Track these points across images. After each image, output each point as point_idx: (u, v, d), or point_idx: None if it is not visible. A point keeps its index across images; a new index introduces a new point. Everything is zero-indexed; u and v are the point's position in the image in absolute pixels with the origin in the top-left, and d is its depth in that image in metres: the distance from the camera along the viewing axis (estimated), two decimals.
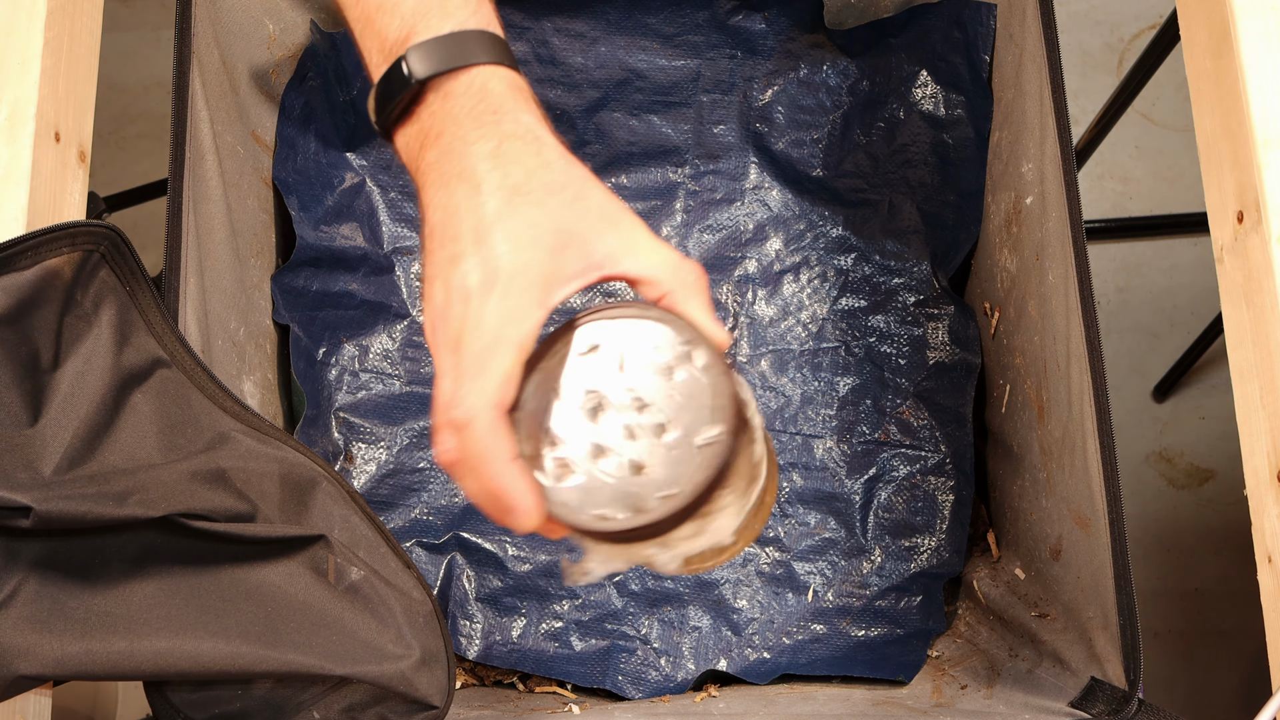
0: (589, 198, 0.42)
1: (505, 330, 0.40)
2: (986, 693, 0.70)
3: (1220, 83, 0.62)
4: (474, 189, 0.41)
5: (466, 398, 0.39)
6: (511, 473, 0.40)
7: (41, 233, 0.55)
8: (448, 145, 0.42)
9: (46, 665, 0.51)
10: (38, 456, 0.53)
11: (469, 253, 0.41)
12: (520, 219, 0.41)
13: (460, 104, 0.42)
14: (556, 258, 0.41)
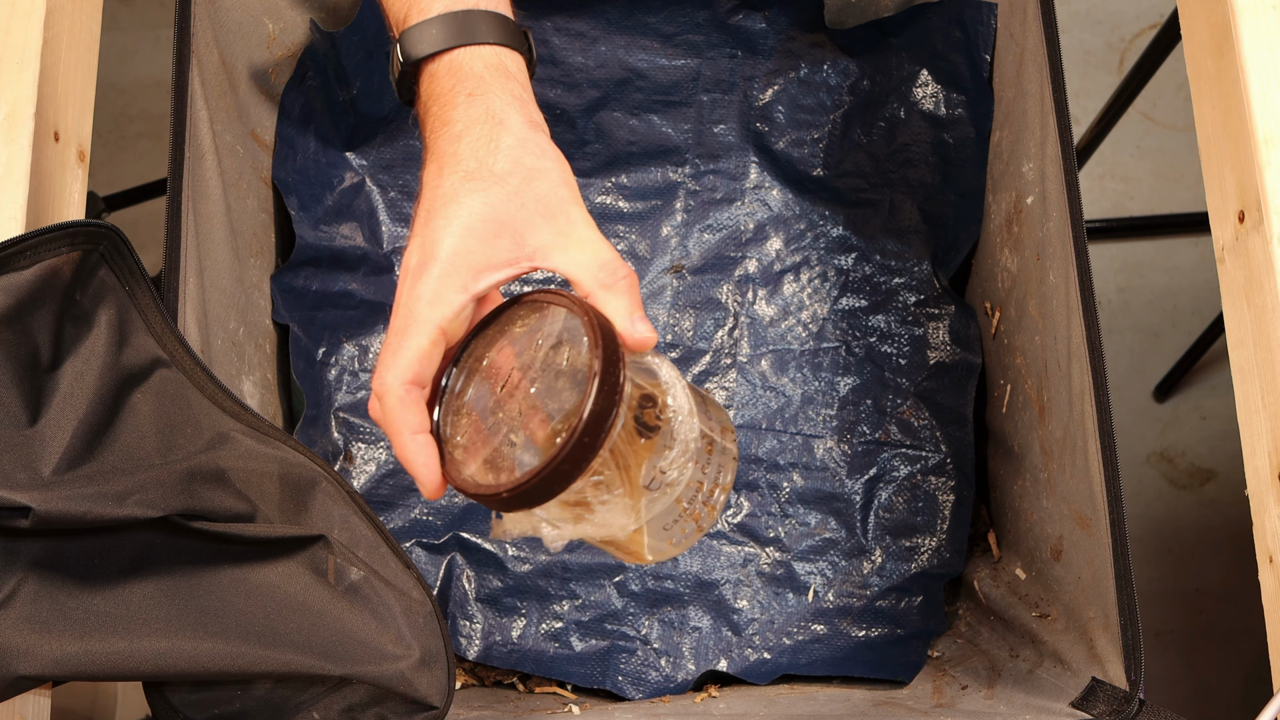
0: (533, 188, 0.43)
1: (425, 311, 0.42)
2: (987, 693, 0.70)
3: (1221, 82, 0.62)
4: (438, 170, 0.44)
5: (382, 372, 0.43)
6: (415, 444, 0.43)
7: (40, 232, 0.55)
8: (430, 125, 0.45)
9: (46, 665, 0.51)
10: (37, 456, 0.53)
11: (417, 233, 0.44)
12: (461, 205, 0.43)
13: (441, 85, 0.44)
14: (488, 245, 0.43)
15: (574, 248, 0.43)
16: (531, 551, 0.82)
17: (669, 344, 0.86)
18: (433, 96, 0.44)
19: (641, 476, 0.43)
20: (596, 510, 0.43)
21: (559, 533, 0.44)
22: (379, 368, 0.43)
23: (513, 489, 0.41)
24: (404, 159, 0.87)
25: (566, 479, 0.41)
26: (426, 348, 0.42)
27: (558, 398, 0.43)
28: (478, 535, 0.82)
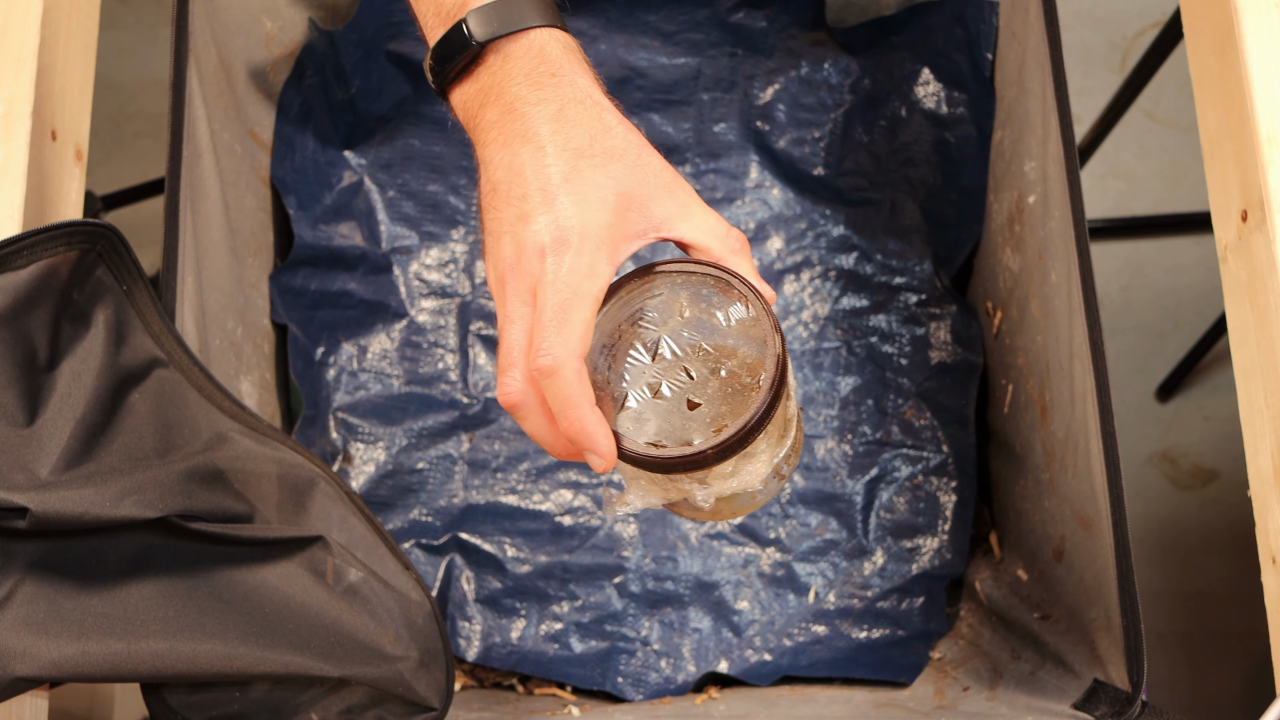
0: (647, 164, 0.45)
1: (582, 285, 0.43)
2: (989, 694, 0.70)
3: (1224, 81, 0.62)
4: (538, 150, 0.44)
5: (553, 347, 0.42)
6: (595, 417, 0.43)
7: (38, 232, 0.55)
8: (509, 105, 0.45)
9: (43, 667, 0.51)
10: (34, 457, 0.53)
11: (539, 212, 0.43)
12: (586, 181, 0.44)
13: (520, 65, 0.45)
14: (621, 218, 0.44)
15: (697, 217, 0.45)
16: (531, 552, 0.81)
17: None
18: (509, 77, 0.45)
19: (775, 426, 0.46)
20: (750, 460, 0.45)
21: (709, 490, 0.45)
22: (539, 344, 0.43)
23: (719, 447, 0.42)
24: (403, 158, 0.87)
25: (759, 429, 0.43)
26: (590, 319, 0.43)
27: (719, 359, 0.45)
28: (477, 536, 0.82)
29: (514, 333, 0.44)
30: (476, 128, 0.46)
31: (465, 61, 0.45)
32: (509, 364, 0.44)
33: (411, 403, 0.84)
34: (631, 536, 0.82)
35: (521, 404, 0.44)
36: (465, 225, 0.87)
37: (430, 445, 0.83)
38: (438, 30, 0.46)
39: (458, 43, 0.45)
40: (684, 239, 0.46)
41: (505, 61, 0.45)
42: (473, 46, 0.45)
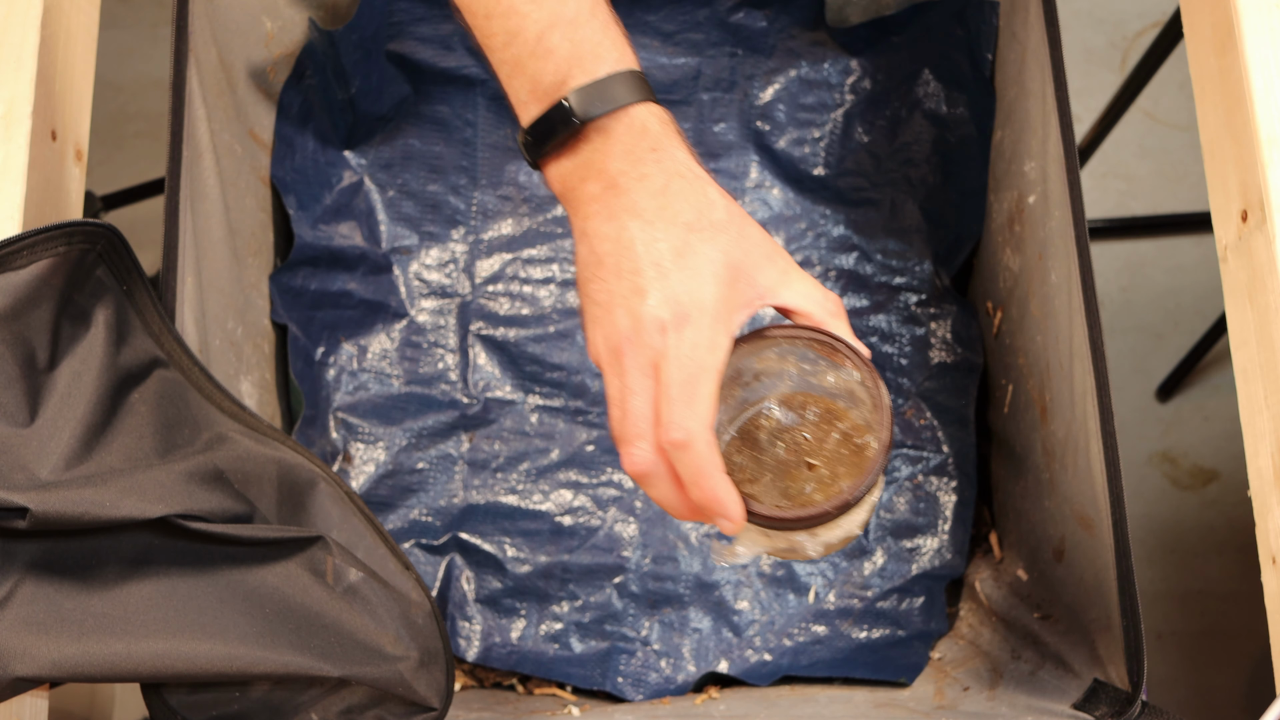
0: (750, 234, 0.47)
1: (706, 359, 0.45)
2: (989, 694, 0.70)
3: (1224, 81, 0.62)
4: (647, 225, 0.45)
5: (685, 420, 0.44)
6: (725, 484, 0.45)
7: (38, 232, 0.55)
8: (612, 180, 0.46)
9: (43, 667, 0.51)
10: (34, 457, 0.53)
11: (654, 286, 0.45)
12: (697, 255, 0.45)
13: (622, 142, 0.46)
14: (731, 289, 0.46)
15: (797, 283, 0.47)
16: (531, 552, 0.81)
17: None
18: (611, 153, 0.46)
19: None
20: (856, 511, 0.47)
21: (819, 540, 0.47)
22: (669, 418, 0.44)
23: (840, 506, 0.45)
24: (403, 158, 0.87)
25: (872, 486, 0.46)
26: (716, 391, 0.45)
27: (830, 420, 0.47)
28: (477, 536, 0.82)
29: (637, 404, 0.45)
30: (577, 201, 0.47)
31: (565, 138, 0.46)
32: (635, 435, 0.45)
33: (411, 403, 0.84)
34: (631, 537, 0.82)
35: (651, 473, 0.45)
36: (465, 225, 0.87)
37: (430, 445, 0.83)
38: (533, 107, 0.47)
39: (558, 120, 0.46)
40: (787, 305, 0.47)
41: (607, 138, 0.46)
42: (574, 125, 0.46)
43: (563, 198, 0.48)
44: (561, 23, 0.46)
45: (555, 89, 0.46)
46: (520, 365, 0.85)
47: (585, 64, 0.46)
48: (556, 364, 0.85)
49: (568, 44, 0.46)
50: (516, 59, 0.47)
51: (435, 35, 0.86)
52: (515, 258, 0.87)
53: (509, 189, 0.88)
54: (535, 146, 0.47)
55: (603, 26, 0.47)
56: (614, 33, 0.47)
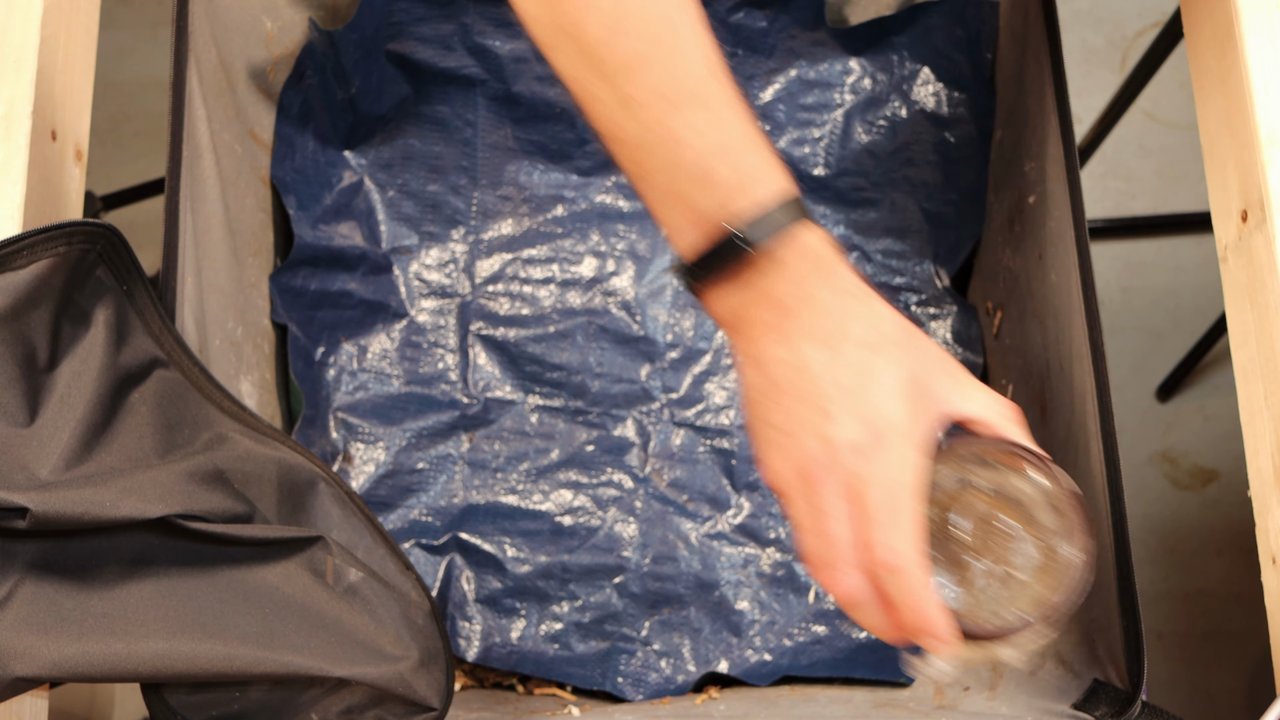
0: (922, 345, 0.47)
1: (906, 478, 0.44)
2: (989, 694, 0.70)
3: (1224, 81, 0.62)
4: (824, 347, 0.45)
5: (894, 542, 0.44)
6: (937, 606, 0.45)
7: (37, 232, 0.55)
8: (781, 304, 0.46)
9: (43, 667, 0.51)
10: (34, 457, 0.53)
11: (842, 410, 0.45)
12: (879, 373, 0.45)
13: (791, 267, 0.45)
14: (915, 404, 0.45)
15: (973, 393, 0.47)
16: (531, 553, 0.82)
17: (669, 344, 0.86)
18: (781, 278, 0.45)
19: None
20: None
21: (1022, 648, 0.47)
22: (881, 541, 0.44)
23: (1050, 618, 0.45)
24: (403, 158, 0.87)
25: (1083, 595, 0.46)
26: (921, 512, 0.45)
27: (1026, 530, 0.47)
28: (477, 536, 0.82)
29: (837, 529, 0.45)
30: (744, 326, 0.46)
31: (732, 266, 0.45)
32: (839, 560, 0.45)
33: (411, 403, 0.84)
34: (631, 537, 0.82)
35: (860, 598, 0.45)
36: (465, 225, 0.87)
37: (430, 445, 0.83)
38: (693, 235, 0.46)
39: (724, 249, 0.45)
40: (967, 415, 0.47)
41: (776, 264, 0.45)
42: (743, 253, 0.45)
43: (726, 323, 0.47)
44: (725, 150, 0.45)
45: (720, 217, 0.45)
46: (520, 365, 0.85)
47: (750, 191, 0.45)
48: (556, 364, 0.85)
49: (731, 171, 0.45)
50: (676, 188, 0.46)
51: (435, 35, 0.86)
52: (515, 258, 0.87)
53: (509, 189, 0.88)
54: (696, 274, 0.47)
55: (761, 150, 0.46)
56: (770, 155, 0.46)
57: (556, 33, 0.45)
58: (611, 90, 0.45)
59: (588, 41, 0.44)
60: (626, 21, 0.44)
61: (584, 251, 0.87)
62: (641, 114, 0.45)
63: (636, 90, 0.44)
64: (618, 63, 0.44)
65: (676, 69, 0.45)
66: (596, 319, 0.86)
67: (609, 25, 0.44)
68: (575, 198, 0.88)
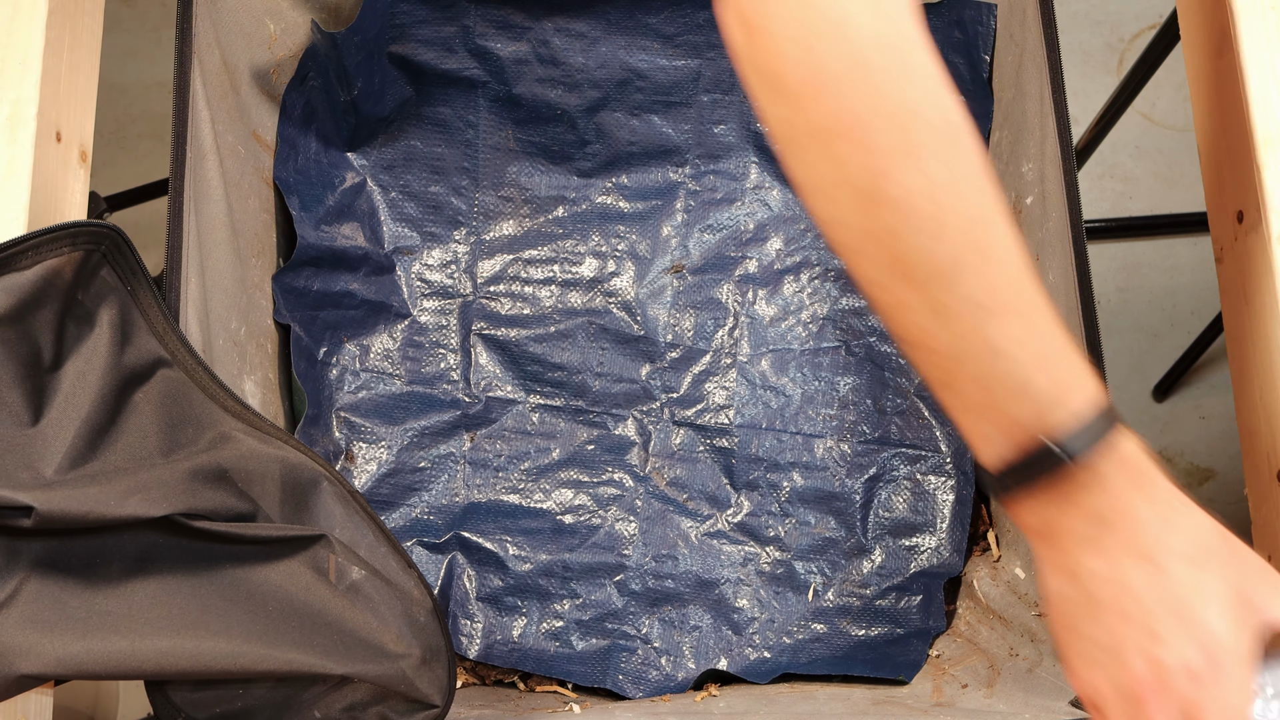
0: (1244, 556, 0.45)
1: (1242, 703, 0.43)
2: (987, 692, 0.70)
3: (1220, 82, 0.62)
4: (1148, 563, 0.43)
5: None
6: None
7: (42, 232, 0.55)
8: (1101, 518, 0.44)
9: (48, 664, 0.51)
10: (39, 456, 0.53)
11: (1172, 631, 0.43)
12: (1208, 591, 0.43)
13: (1111, 478, 0.44)
14: (1244, 622, 0.44)
15: None
16: (533, 551, 0.82)
17: (669, 344, 0.86)
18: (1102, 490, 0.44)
19: None
20: None
21: None
22: None
23: None
24: (405, 159, 0.87)
25: None
26: None
27: None
28: (478, 535, 0.82)
29: None
30: (1057, 536, 0.45)
31: (1049, 478, 0.43)
32: None
33: (414, 402, 0.84)
34: (632, 535, 0.82)
35: None
36: (467, 226, 0.88)
37: (432, 444, 0.84)
38: (1002, 443, 0.44)
39: (1041, 461, 0.43)
40: None
41: (1096, 476, 0.43)
42: (1061, 465, 0.43)
43: (1035, 532, 0.45)
44: (1041, 359, 0.42)
45: (1036, 430, 0.43)
46: (522, 365, 0.85)
47: (1067, 401, 0.43)
48: (557, 364, 0.85)
49: (1049, 382, 0.43)
50: (988, 398, 0.43)
51: (437, 37, 0.86)
52: (516, 258, 0.87)
53: (510, 190, 0.88)
54: (1005, 484, 0.44)
55: (1073, 355, 0.43)
56: (1082, 361, 0.44)
57: (865, 238, 0.42)
58: (923, 298, 0.42)
59: (901, 248, 0.41)
60: (945, 227, 0.41)
61: (585, 252, 0.88)
62: (955, 323, 0.42)
63: (951, 298, 0.41)
64: (933, 269, 0.41)
65: (994, 275, 0.42)
66: (597, 319, 0.86)
67: (927, 231, 0.41)
68: (576, 198, 0.88)
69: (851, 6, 0.40)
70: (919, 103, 0.40)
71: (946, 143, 0.41)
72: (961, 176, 0.41)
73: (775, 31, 0.40)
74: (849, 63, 0.40)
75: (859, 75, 0.40)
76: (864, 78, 0.40)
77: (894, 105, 0.40)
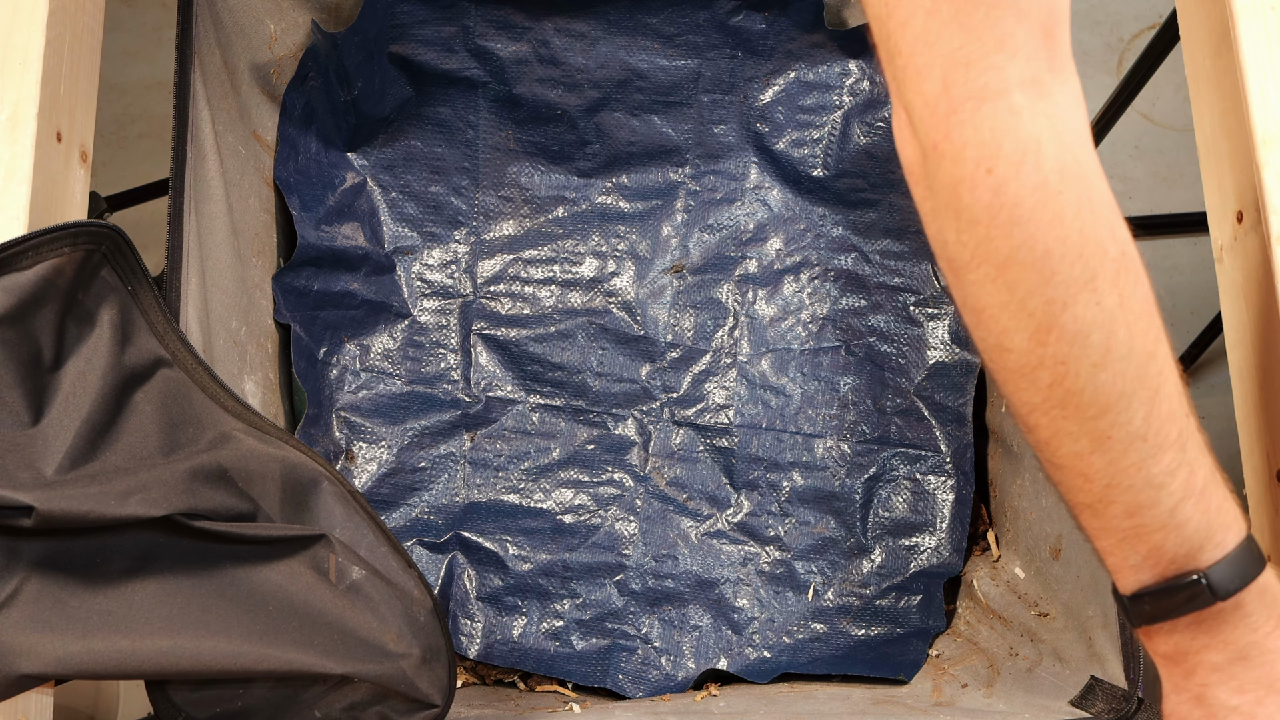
0: None
1: None
2: (986, 691, 0.70)
3: (1220, 82, 0.62)
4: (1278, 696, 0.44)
5: None
6: None
7: (43, 232, 0.55)
8: (1243, 653, 0.44)
9: (48, 664, 0.51)
10: (40, 456, 0.53)
11: None
12: None
13: (1255, 616, 0.44)
14: None
15: None
16: (533, 550, 0.82)
17: (669, 344, 0.86)
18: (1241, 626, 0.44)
19: None
20: None
21: None
22: None
23: None
24: (405, 159, 0.87)
25: None
26: None
27: None
28: (479, 534, 0.82)
29: None
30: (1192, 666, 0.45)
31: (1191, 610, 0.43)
32: None
33: (414, 402, 0.84)
34: (632, 535, 0.82)
35: None
36: (467, 226, 0.88)
37: (432, 444, 0.84)
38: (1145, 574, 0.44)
39: (1184, 593, 0.43)
40: None
41: (1238, 611, 0.43)
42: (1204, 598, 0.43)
43: (1167, 657, 0.45)
44: (1194, 494, 0.42)
45: (1183, 562, 0.43)
46: (522, 365, 0.85)
47: (1216, 536, 0.43)
48: (557, 363, 0.85)
49: (1200, 515, 0.42)
50: (1139, 528, 0.43)
51: (437, 37, 0.86)
52: (516, 258, 0.87)
53: (510, 190, 0.88)
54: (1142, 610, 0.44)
55: (1223, 489, 0.43)
56: (1231, 495, 0.44)
57: (1034, 366, 0.41)
58: (1084, 428, 0.41)
59: (1070, 378, 0.41)
60: (1116, 359, 0.40)
61: (585, 252, 0.88)
62: (1114, 453, 0.42)
63: (1114, 430, 0.41)
64: (1099, 400, 0.41)
65: (1158, 410, 0.41)
66: (597, 319, 0.86)
67: (1098, 362, 0.40)
68: (576, 199, 0.88)
69: (1041, 135, 0.39)
70: (1100, 235, 0.40)
71: (1123, 275, 0.41)
72: (1134, 309, 0.41)
73: (963, 158, 0.39)
74: (1039, 194, 0.39)
75: (1047, 206, 0.39)
76: (1051, 209, 0.39)
77: (1078, 237, 0.40)
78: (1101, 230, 0.41)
